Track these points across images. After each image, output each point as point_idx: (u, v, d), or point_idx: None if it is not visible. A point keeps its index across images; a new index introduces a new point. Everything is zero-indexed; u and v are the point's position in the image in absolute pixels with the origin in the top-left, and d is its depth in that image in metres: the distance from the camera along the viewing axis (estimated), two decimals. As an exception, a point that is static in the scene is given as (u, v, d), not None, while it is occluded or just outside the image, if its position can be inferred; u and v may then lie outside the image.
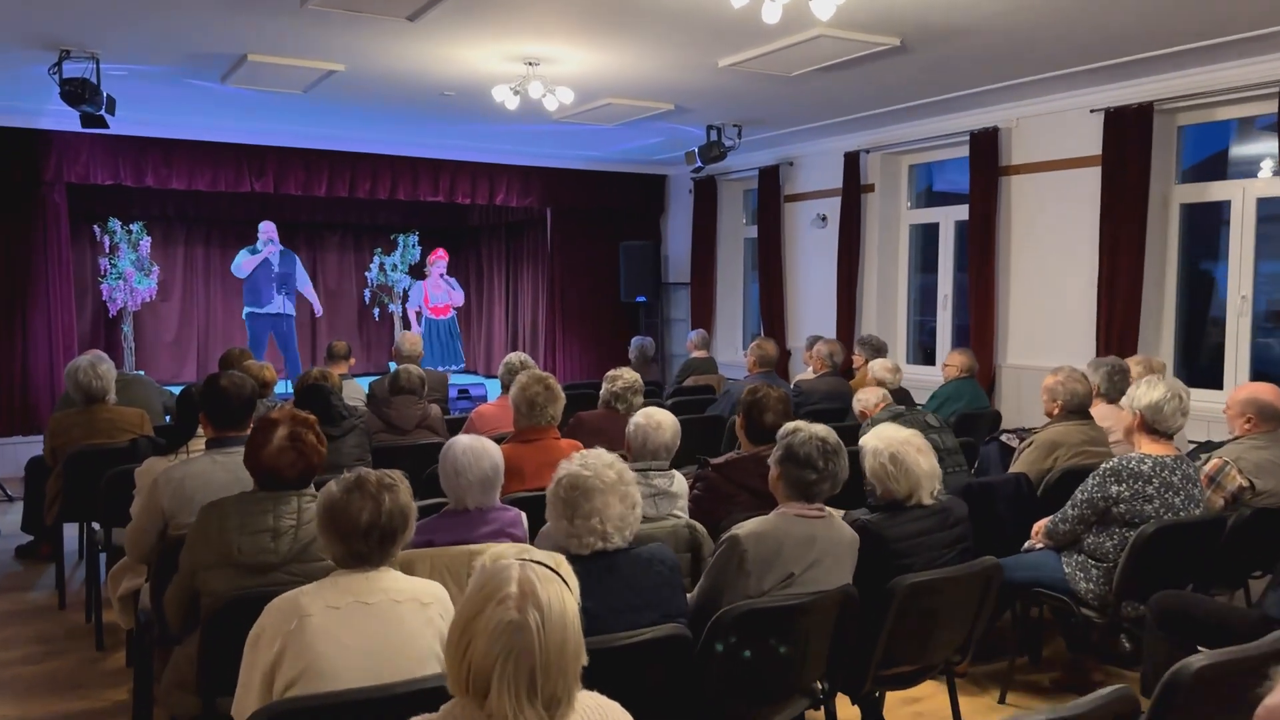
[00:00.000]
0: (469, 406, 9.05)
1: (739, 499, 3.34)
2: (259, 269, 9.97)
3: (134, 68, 5.98)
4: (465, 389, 9.15)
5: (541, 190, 10.21)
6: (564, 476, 2.36)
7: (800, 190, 9.10)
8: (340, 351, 6.30)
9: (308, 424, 2.71)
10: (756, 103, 6.94)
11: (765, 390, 3.44)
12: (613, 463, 2.40)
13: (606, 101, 6.72)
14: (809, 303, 9.08)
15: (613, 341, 10.85)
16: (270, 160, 8.73)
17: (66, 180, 7.99)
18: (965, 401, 5.99)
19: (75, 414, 4.80)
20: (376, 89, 6.56)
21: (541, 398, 3.75)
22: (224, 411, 3.21)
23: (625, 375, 4.82)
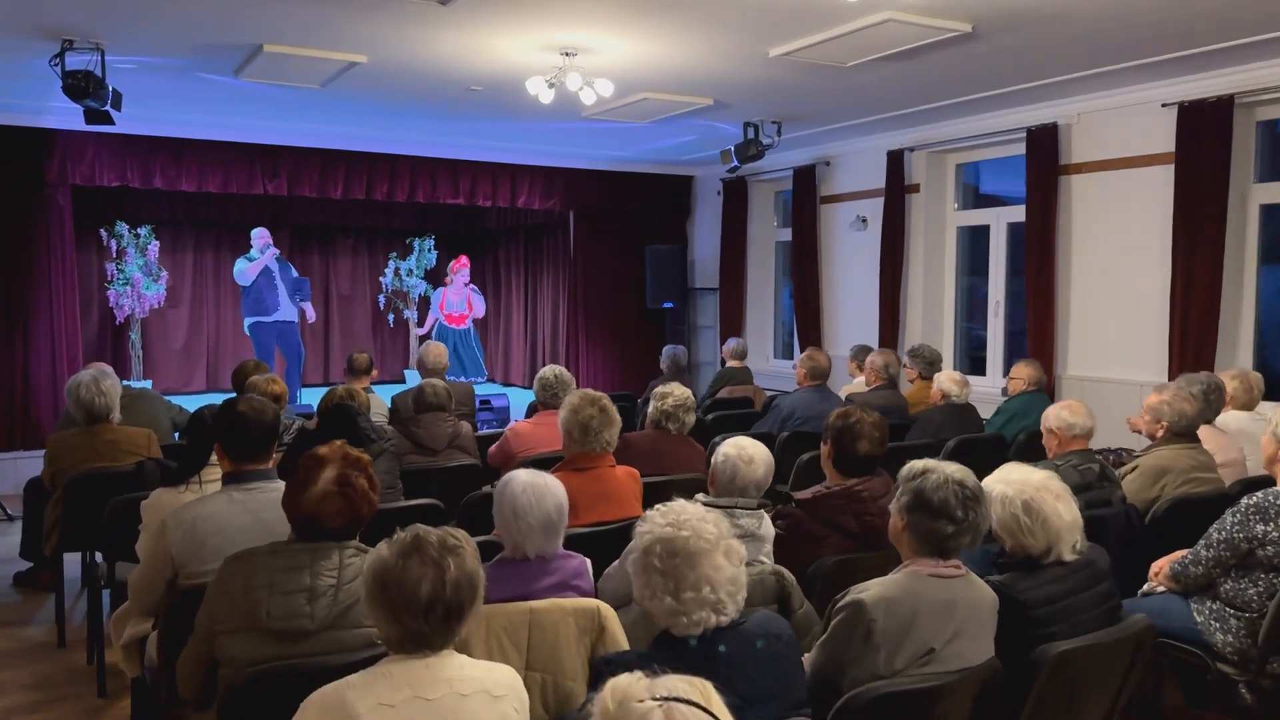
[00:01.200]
0: (490, 418, 8.65)
1: (828, 540, 2.92)
2: (261, 276, 9.56)
3: (142, 60, 5.59)
4: (486, 400, 8.73)
5: (564, 192, 9.80)
6: (654, 542, 1.93)
7: (838, 191, 8.68)
8: (362, 365, 5.89)
9: (360, 465, 2.31)
10: (802, 97, 6.52)
11: (858, 415, 3.02)
12: (704, 514, 1.97)
13: (643, 96, 6.31)
14: (847, 309, 8.65)
15: (638, 350, 10.44)
16: (284, 161, 8.34)
17: (71, 182, 7.61)
18: (1034, 418, 5.52)
19: (76, 435, 4.39)
20: (399, 83, 6.16)
21: (596, 421, 3.34)
22: (243, 442, 2.80)
23: (675, 391, 4.40)
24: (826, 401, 5.62)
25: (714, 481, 2.81)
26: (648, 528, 1.94)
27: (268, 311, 9.46)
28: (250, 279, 9.49)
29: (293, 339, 9.82)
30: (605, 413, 3.36)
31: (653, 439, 4.25)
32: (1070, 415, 3.58)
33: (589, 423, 3.32)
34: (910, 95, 6.56)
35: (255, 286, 9.49)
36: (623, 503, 3.34)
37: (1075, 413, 3.60)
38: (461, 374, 10.99)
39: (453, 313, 11.50)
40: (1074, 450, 3.54)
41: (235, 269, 9.67)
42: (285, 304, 9.67)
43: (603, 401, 3.40)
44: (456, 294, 11.42)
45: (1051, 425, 3.60)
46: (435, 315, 11.52)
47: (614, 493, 3.31)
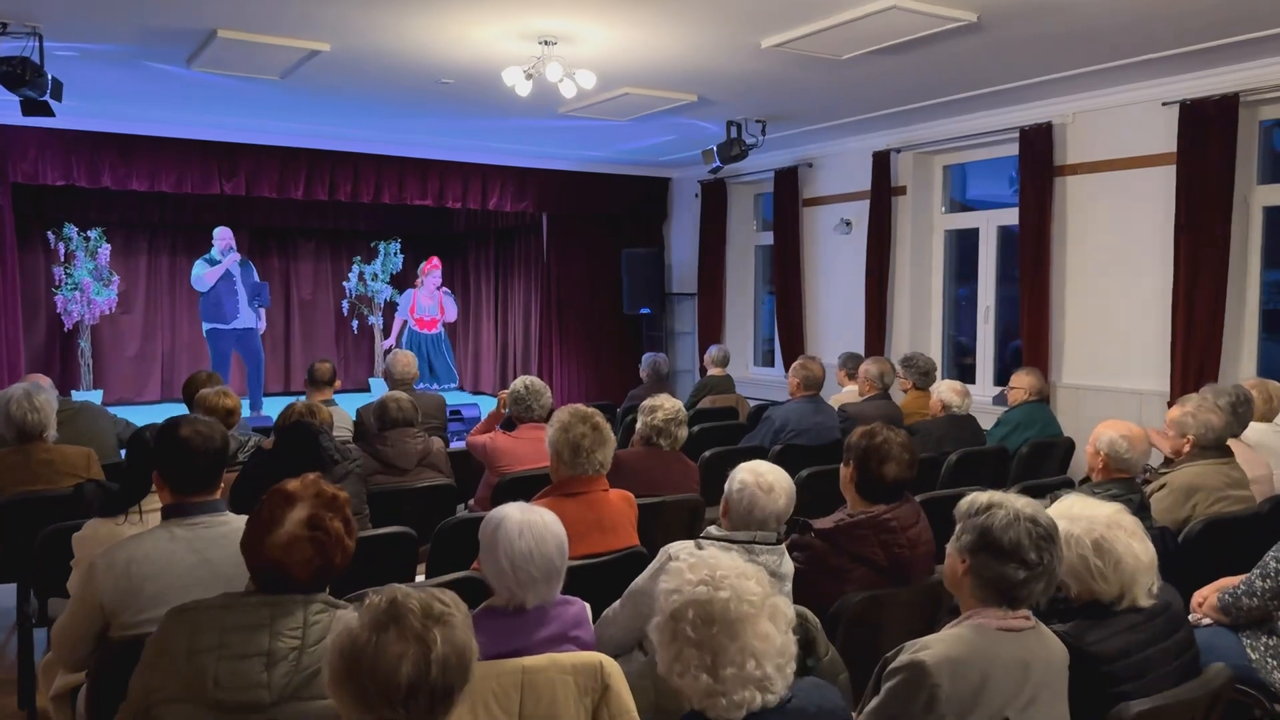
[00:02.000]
0: (461, 429, 8.23)
1: (853, 575, 2.61)
2: (220, 281, 9.10)
3: (84, 46, 5.18)
4: (457, 410, 8.31)
5: (537, 194, 9.45)
6: (686, 606, 1.58)
7: (821, 193, 8.42)
8: (324, 375, 5.50)
9: (336, 506, 1.96)
10: (790, 93, 6.23)
11: (885, 434, 2.71)
12: (744, 569, 1.62)
13: (624, 91, 5.99)
14: (831, 316, 8.38)
15: (614, 358, 10.11)
16: (242, 159, 7.91)
17: (12, 180, 7.13)
18: (1038, 429, 5.30)
19: (6, 455, 3.97)
20: (364, 74, 5.78)
21: (588, 441, 3.00)
22: (186, 471, 2.43)
23: (665, 404, 4.08)
24: (821, 413, 5.33)
25: (728, 512, 2.49)
26: (675, 586, 1.59)
27: (226, 319, 9.01)
28: (207, 285, 9.03)
29: (253, 345, 9.37)
30: (598, 431, 3.03)
31: (643, 457, 3.92)
32: (1127, 447, 3.23)
33: (580, 442, 2.98)
34: (901, 93, 6.30)
35: (214, 292, 9.03)
36: (618, 531, 3.02)
37: (1134, 444, 3.23)
38: (433, 382, 10.56)
39: (424, 317, 11.08)
40: (1117, 478, 3.25)
41: (193, 274, 9.20)
42: (245, 310, 9.23)
43: (595, 419, 3.07)
44: (428, 297, 11.00)
45: (1102, 449, 3.28)
46: (404, 319, 11.07)
47: (609, 520, 2.98)
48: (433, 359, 10.79)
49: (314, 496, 1.94)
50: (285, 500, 1.92)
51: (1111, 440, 3.29)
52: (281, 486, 1.97)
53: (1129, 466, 3.29)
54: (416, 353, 9.76)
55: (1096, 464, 3.34)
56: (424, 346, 10.80)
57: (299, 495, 1.93)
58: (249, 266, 9.50)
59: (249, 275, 9.38)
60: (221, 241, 9.20)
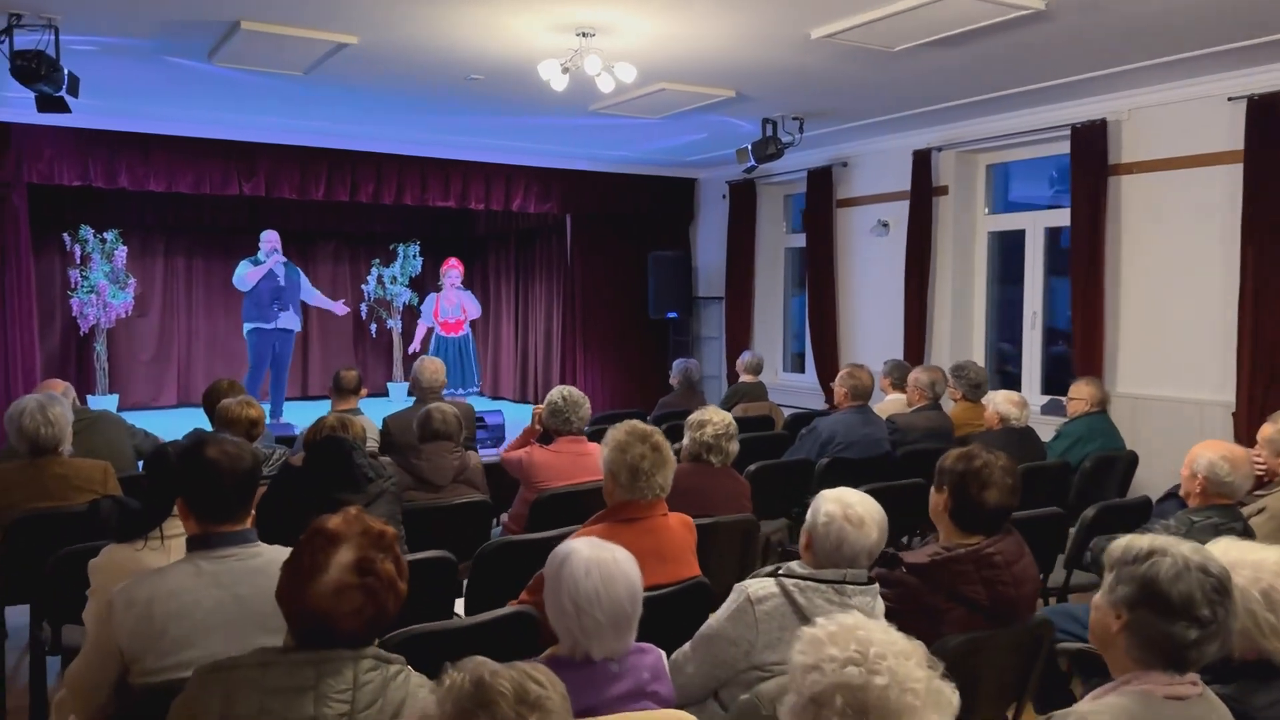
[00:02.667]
0: (484, 437, 7.99)
1: (950, 615, 2.35)
2: (264, 281, 8.90)
3: (102, 40, 4.96)
4: (480, 417, 8.04)
5: (561, 195, 9.21)
6: (833, 691, 1.28)
7: (856, 194, 8.15)
8: (350, 383, 5.26)
9: (386, 544, 1.72)
10: (833, 89, 5.97)
11: (984, 457, 2.45)
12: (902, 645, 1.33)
13: (660, 88, 5.75)
14: (866, 320, 8.11)
15: (639, 363, 9.86)
16: (262, 159, 7.70)
17: (27, 180, 6.93)
18: (1100, 442, 5.03)
19: (18, 469, 3.75)
20: (390, 70, 5.56)
21: (648, 463, 2.75)
22: (213, 497, 2.20)
23: (715, 417, 3.83)
24: (870, 425, 5.07)
25: (811, 547, 2.23)
26: (814, 661, 1.32)
27: (268, 319, 8.81)
28: (249, 285, 8.83)
29: (285, 348, 9.17)
30: (659, 452, 2.78)
31: (693, 475, 3.66)
32: (1229, 470, 2.95)
33: (639, 464, 2.73)
34: (947, 89, 6.04)
35: (257, 292, 8.84)
36: (680, 560, 2.76)
37: (1236, 467, 2.96)
38: (460, 386, 10.24)
39: (448, 319, 10.81)
40: (1218, 504, 2.97)
41: (236, 274, 9.00)
42: (289, 313, 9.03)
43: (655, 438, 2.81)
44: (450, 299, 10.71)
45: (1201, 472, 3.01)
46: (428, 324, 10.78)
47: (669, 548, 2.73)
48: (461, 363, 10.46)
49: (360, 535, 1.70)
50: (328, 541, 1.68)
51: (1211, 463, 3.02)
52: (322, 526, 1.72)
53: (1231, 491, 3.02)
54: (444, 358, 9.52)
55: (1194, 488, 3.07)
56: (450, 351, 10.47)
57: (343, 535, 1.69)
58: (294, 269, 9.27)
59: (294, 278, 9.17)
60: (267, 244, 9.00)
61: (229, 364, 10.82)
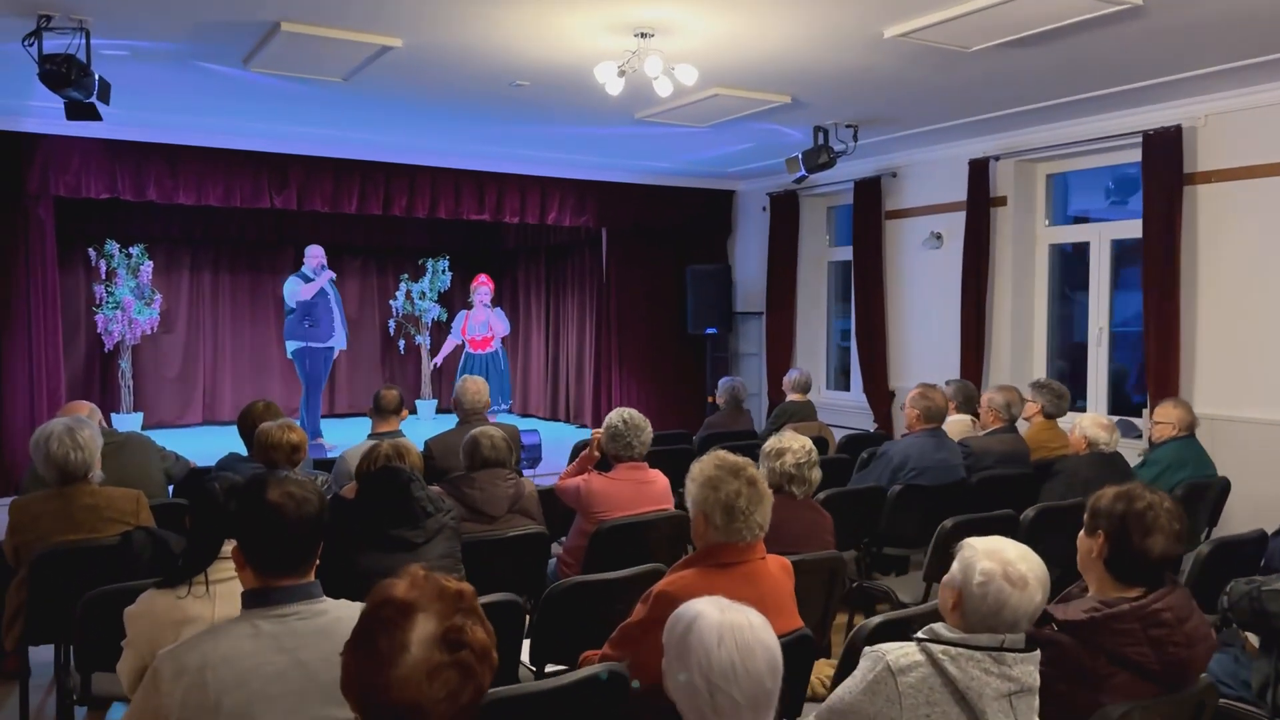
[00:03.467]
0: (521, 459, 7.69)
1: (1113, 682, 2.03)
2: (318, 297, 8.68)
3: (134, 44, 4.74)
4: None
5: (597, 207, 8.95)
6: None
7: (906, 205, 7.85)
8: (390, 404, 4.99)
9: (468, 604, 1.44)
10: (895, 94, 5.69)
11: (1148, 498, 2.14)
12: None
13: (713, 93, 5.48)
14: (917, 336, 7.79)
15: (677, 380, 9.57)
16: (294, 171, 7.48)
17: (54, 193, 6.73)
18: (1190, 470, 4.69)
19: (45, 499, 3.50)
20: (433, 76, 5.32)
21: (745, 500, 2.45)
22: (275, 548, 1.91)
23: (794, 444, 3.53)
24: (944, 449, 4.75)
25: (961, 609, 1.91)
26: None
27: (322, 337, 8.57)
28: (305, 298, 8.59)
29: (329, 368, 8.95)
30: (755, 487, 2.48)
31: (775, 508, 3.35)
32: None
33: (734, 503, 2.43)
34: (1016, 93, 5.73)
35: (311, 308, 8.59)
36: (783, 610, 2.46)
37: None
38: None
39: (475, 336, 10.53)
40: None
41: (287, 287, 8.76)
42: (340, 331, 8.80)
43: (749, 471, 2.52)
44: (479, 316, 10.42)
45: None
46: (456, 340, 10.48)
47: (771, 597, 2.43)
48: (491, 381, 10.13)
49: (437, 599, 1.41)
50: (401, 614, 1.39)
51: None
52: (388, 595, 1.43)
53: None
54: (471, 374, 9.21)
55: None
56: (476, 368, 10.15)
57: (417, 603, 1.40)
58: (334, 286, 9.04)
59: (336, 294, 8.98)
60: (314, 259, 8.77)
61: (256, 382, 10.62)
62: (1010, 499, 4.75)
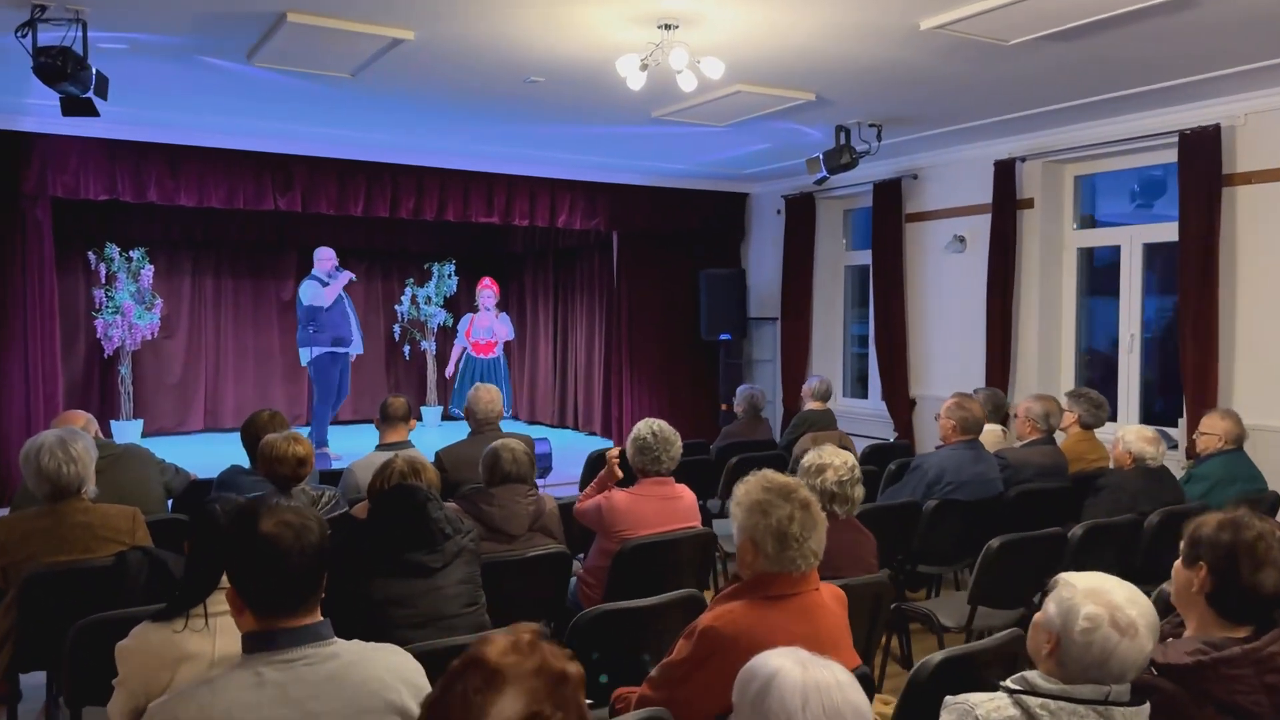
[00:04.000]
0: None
1: (1223, 733, 1.81)
2: (337, 302, 8.47)
3: (133, 37, 4.54)
4: None
5: (608, 210, 8.74)
6: None
7: (928, 208, 7.63)
8: (398, 411, 4.77)
9: (567, 692, 1.21)
10: (925, 91, 5.47)
11: (1257, 527, 1.92)
12: None
13: (736, 90, 5.27)
14: (939, 343, 7.57)
15: (689, 387, 9.35)
16: (298, 172, 7.27)
17: (51, 194, 6.52)
18: (1241, 485, 4.46)
19: (35, 516, 3.28)
20: (444, 72, 5.11)
21: (798, 526, 2.22)
22: (275, 587, 1.69)
23: (834, 459, 3.31)
24: (982, 462, 4.53)
25: (1057, 655, 1.69)
26: None
27: (344, 343, 8.34)
28: (328, 301, 8.35)
29: (346, 376, 8.71)
30: (809, 510, 2.26)
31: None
32: None
33: (787, 529, 2.20)
34: (1050, 90, 5.51)
35: (332, 313, 8.35)
36: (840, 646, 2.24)
37: None
38: None
39: (479, 340, 10.31)
40: None
41: (308, 293, 8.50)
42: (358, 337, 8.58)
43: (800, 493, 2.29)
44: (483, 321, 10.19)
45: None
46: (462, 345, 10.28)
47: (828, 633, 2.21)
48: None
49: (533, 674, 1.19)
50: (487, 683, 1.17)
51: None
52: (482, 655, 1.20)
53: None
54: (471, 380, 9.01)
55: None
56: (476, 373, 9.97)
57: (508, 674, 1.18)
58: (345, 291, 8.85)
59: (349, 298, 8.77)
60: (326, 262, 8.54)
61: (259, 388, 10.40)
62: (1050, 514, 4.52)
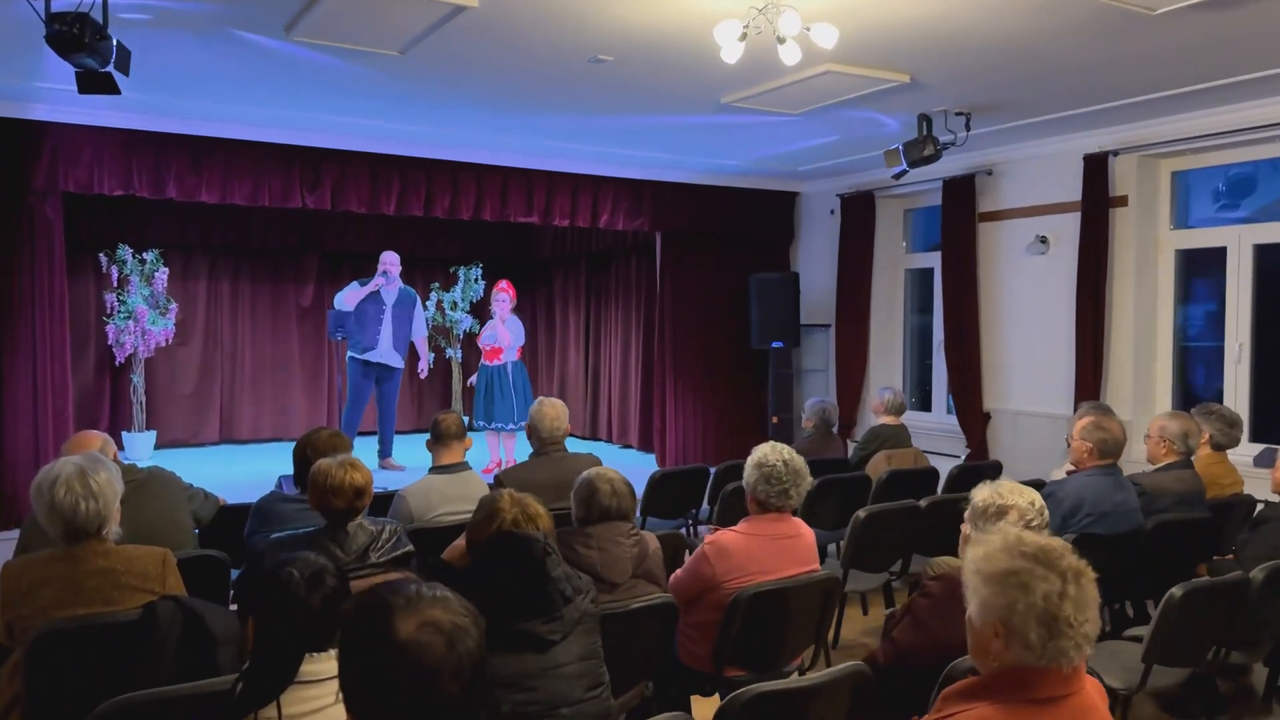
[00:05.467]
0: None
1: None
2: (367, 304, 7.89)
3: (158, 4, 4.00)
4: None
5: (652, 210, 8.20)
6: None
7: (1005, 206, 7.08)
8: (451, 429, 4.20)
9: None
10: (1034, 70, 4.93)
11: None
12: None
13: (825, 69, 4.73)
14: (1017, 352, 7.01)
15: (737, 400, 8.80)
16: (328, 168, 6.73)
17: (63, 189, 5.99)
18: None
19: (47, 562, 2.74)
20: (502, 49, 4.58)
21: (1071, 605, 1.64)
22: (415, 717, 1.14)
23: (1016, 498, 2.63)
24: (1122, 489, 3.97)
25: None
26: None
27: (365, 347, 7.77)
28: (349, 307, 7.80)
29: (390, 385, 8.10)
30: (1081, 583, 1.70)
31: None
32: None
33: (1057, 610, 1.64)
34: (1168, 72, 4.96)
35: (360, 315, 7.79)
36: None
37: None
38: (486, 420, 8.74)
39: (486, 346, 9.55)
40: None
41: (339, 294, 7.96)
42: (388, 345, 7.97)
43: (1068, 560, 1.72)
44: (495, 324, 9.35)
45: None
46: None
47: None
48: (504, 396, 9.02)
49: None
50: None
51: None
52: None
53: None
54: (485, 390, 8.35)
55: None
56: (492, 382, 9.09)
57: None
58: (409, 296, 8.16)
59: (406, 308, 8.11)
60: (388, 265, 7.91)
61: (277, 399, 9.87)
62: (1191, 548, 4.00)
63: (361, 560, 3.06)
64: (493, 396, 8.31)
